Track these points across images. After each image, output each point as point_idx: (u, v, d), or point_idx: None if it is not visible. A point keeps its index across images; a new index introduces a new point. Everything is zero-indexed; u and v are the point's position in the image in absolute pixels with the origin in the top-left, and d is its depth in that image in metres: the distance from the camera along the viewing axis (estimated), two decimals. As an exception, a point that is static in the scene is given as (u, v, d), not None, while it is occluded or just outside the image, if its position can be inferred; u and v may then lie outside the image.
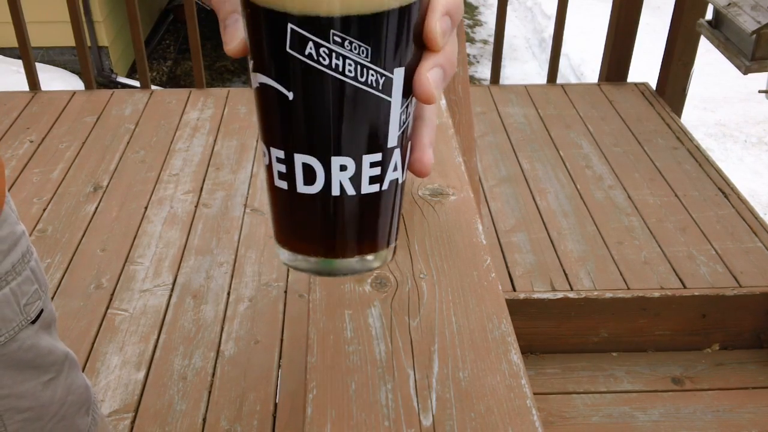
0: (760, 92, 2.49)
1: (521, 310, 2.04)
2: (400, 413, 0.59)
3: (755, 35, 2.07)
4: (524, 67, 5.68)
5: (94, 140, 2.79)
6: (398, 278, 0.71)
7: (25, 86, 3.16)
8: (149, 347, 1.88)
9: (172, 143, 2.79)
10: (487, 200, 2.50)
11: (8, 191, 0.76)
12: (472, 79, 5.43)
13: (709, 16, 2.58)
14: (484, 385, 0.61)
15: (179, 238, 2.27)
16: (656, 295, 2.06)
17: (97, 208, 2.41)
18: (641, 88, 3.25)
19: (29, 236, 0.81)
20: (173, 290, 2.07)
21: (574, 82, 4.84)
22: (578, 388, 1.99)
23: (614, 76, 3.29)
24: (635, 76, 3.33)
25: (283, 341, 1.91)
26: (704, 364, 2.08)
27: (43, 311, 0.79)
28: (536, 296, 2.05)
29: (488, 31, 6.21)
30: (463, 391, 0.61)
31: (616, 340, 2.10)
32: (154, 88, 3.27)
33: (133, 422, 1.68)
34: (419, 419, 0.59)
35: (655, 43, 3.59)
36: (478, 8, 6.82)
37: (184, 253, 2.21)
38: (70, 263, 2.15)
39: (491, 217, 2.41)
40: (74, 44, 3.06)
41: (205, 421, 1.69)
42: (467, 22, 6.41)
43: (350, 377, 0.61)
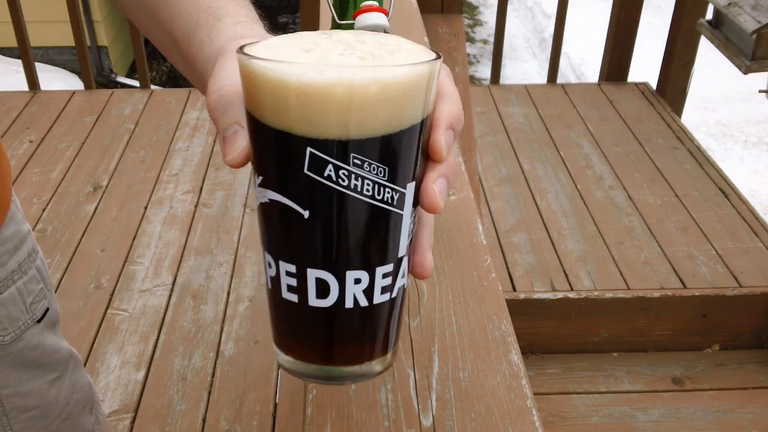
0: (760, 92, 2.48)
1: (521, 310, 2.04)
2: (400, 413, 0.59)
3: (755, 35, 2.07)
4: (524, 66, 5.68)
5: (93, 140, 2.79)
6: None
7: (24, 86, 3.16)
8: (149, 347, 1.88)
9: (171, 143, 2.79)
10: (487, 200, 2.49)
11: None
12: (472, 79, 5.43)
13: (709, 15, 2.57)
14: (484, 385, 0.61)
15: (179, 238, 2.27)
16: (656, 295, 2.06)
17: (96, 208, 2.40)
18: (641, 87, 3.25)
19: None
20: (173, 290, 2.07)
21: (574, 82, 4.84)
22: (578, 388, 1.99)
23: (614, 75, 3.29)
24: (635, 75, 3.32)
25: (283, 341, 1.91)
26: (704, 364, 2.08)
27: (48, 310, 0.79)
28: (536, 296, 2.05)
29: (488, 30, 6.21)
30: (463, 391, 0.61)
31: (616, 340, 2.10)
32: (153, 87, 3.27)
33: (132, 422, 1.68)
34: (419, 419, 0.58)
35: (655, 42, 3.59)
36: (478, 8, 6.82)
37: (183, 253, 2.21)
38: (69, 263, 2.15)
39: (491, 217, 2.41)
40: (74, 44, 3.06)
41: (204, 421, 1.69)
42: (467, 21, 6.41)
43: (350, 377, 0.61)
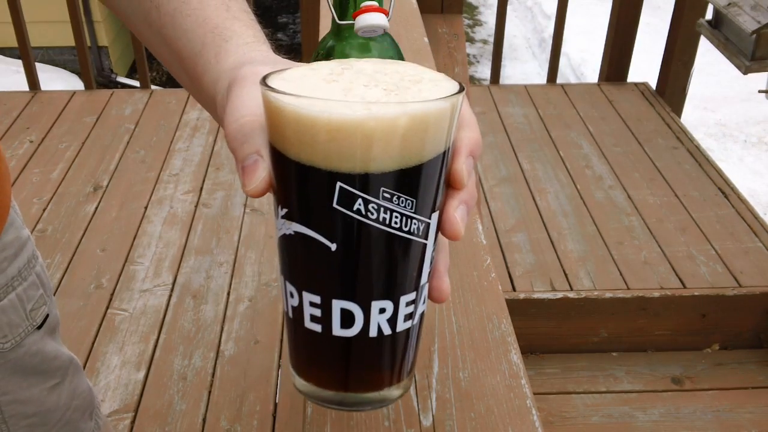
0: (760, 92, 2.49)
1: (521, 310, 2.04)
2: (400, 413, 0.59)
3: (755, 35, 2.07)
4: (524, 67, 5.68)
5: (93, 140, 2.79)
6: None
7: (24, 86, 3.16)
8: (149, 347, 1.88)
9: (172, 143, 2.79)
10: (487, 200, 2.49)
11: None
12: (472, 79, 5.43)
13: (709, 16, 2.57)
14: (484, 385, 0.61)
15: (179, 238, 2.27)
16: (656, 295, 2.06)
17: (96, 208, 2.40)
18: (641, 88, 3.25)
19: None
20: (173, 290, 2.07)
21: (574, 82, 4.84)
22: (578, 388, 1.99)
23: (614, 76, 3.29)
24: (635, 75, 3.32)
25: (283, 341, 1.91)
26: (704, 364, 2.08)
27: (48, 316, 0.78)
28: (536, 296, 2.05)
29: (488, 30, 6.20)
30: (463, 391, 0.61)
31: (616, 340, 2.10)
32: (153, 88, 3.27)
33: (132, 422, 1.68)
34: (419, 419, 0.58)
35: (655, 42, 3.59)
36: (478, 8, 6.82)
37: (184, 253, 2.21)
38: (69, 263, 2.15)
39: (491, 217, 2.41)
40: (74, 44, 3.06)
41: (204, 421, 1.69)
42: (467, 21, 6.41)
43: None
